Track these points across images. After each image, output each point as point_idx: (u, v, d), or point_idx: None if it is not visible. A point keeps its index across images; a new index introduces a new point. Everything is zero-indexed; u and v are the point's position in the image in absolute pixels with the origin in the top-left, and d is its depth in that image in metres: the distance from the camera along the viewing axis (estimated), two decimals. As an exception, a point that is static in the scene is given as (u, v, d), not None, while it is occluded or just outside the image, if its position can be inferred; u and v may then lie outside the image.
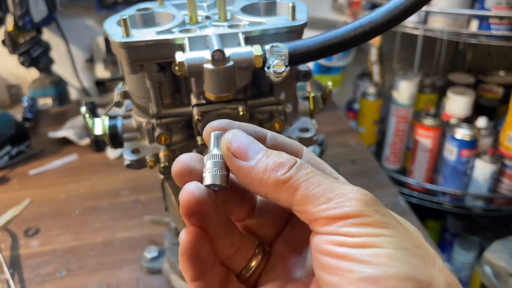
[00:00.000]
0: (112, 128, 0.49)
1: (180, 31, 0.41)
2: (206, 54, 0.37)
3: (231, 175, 0.27)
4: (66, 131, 1.09)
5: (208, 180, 0.26)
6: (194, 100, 0.44)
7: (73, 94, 1.53)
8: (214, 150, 0.26)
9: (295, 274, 0.28)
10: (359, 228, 0.22)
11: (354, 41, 0.36)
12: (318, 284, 0.24)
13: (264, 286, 0.28)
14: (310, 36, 0.38)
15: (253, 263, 0.28)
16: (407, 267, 0.21)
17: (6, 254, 0.78)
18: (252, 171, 0.25)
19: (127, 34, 0.40)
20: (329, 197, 0.23)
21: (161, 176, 0.53)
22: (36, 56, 1.23)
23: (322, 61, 1.51)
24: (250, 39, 0.41)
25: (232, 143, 0.25)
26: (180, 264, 0.27)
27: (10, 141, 1.04)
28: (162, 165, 0.46)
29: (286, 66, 0.37)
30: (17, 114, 1.22)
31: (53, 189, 0.95)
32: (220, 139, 0.26)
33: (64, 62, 1.48)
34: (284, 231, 0.29)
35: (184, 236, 0.26)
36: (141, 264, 0.74)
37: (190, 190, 0.25)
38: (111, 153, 1.06)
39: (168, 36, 0.40)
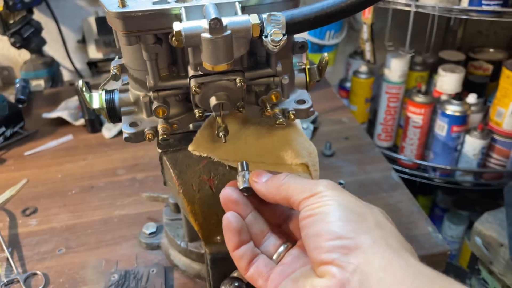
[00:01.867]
0: (109, 102, 0.49)
1: (176, 1, 0.42)
2: (204, 23, 0.37)
3: None
4: (60, 112, 1.09)
5: (240, 185, 0.44)
6: (191, 72, 0.44)
7: (65, 75, 1.52)
8: (242, 172, 0.45)
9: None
10: (319, 199, 0.36)
11: (352, 9, 0.37)
12: (304, 242, 0.36)
13: (285, 259, 0.41)
14: (307, 5, 0.38)
15: (281, 249, 0.42)
16: (345, 213, 0.35)
17: (4, 233, 0.79)
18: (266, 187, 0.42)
19: (123, 4, 0.40)
20: (304, 188, 0.38)
21: (159, 150, 0.54)
22: (27, 36, 1.22)
23: (315, 40, 1.51)
24: (246, 9, 0.41)
25: (253, 175, 0.43)
26: (224, 236, 0.42)
27: (4, 123, 1.04)
28: (160, 137, 0.47)
29: (284, 34, 0.37)
30: (10, 96, 1.21)
31: (49, 169, 0.96)
32: (244, 165, 0.46)
33: (55, 43, 1.46)
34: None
35: (225, 214, 0.42)
36: (140, 240, 0.75)
37: (225, 191, 0.44)
38: (106, 133, 1.06)
39: (165, 6, 0.40)
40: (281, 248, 0.42)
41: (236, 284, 0.51)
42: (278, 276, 0.39)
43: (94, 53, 1.43)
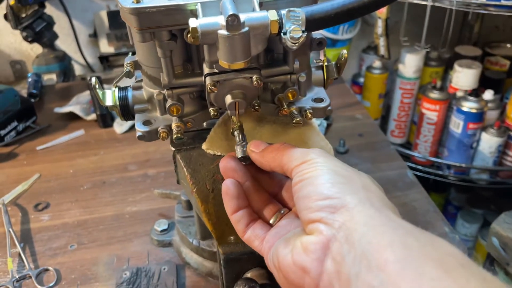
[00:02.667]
0: (123, 99, 0.48)
1: (192, -3, 0.40)
2: (220, 20, 0.36)
3: None
4: (72, 107, 1.09)
5: (239, 154, 0.45)
6: (206, 70, 0.43)
7: (77, 69, 1.52)
8: (240, 142, 0.45)
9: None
10: (310, 165, 0.38)
11: (375, 5, 0.35)
12: (296, 204, 0.38)
13: (280, 223, 0.44)
14: (327, 1, 0.37)
15: (278, 217, 0.44)
16: (333, 176, 0.37)
17: (17, 229, 0.79)
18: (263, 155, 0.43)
19: None
20: (297, 156, 0.40)
21: (173, 148, 0.53)
22: (39, 30, 1.21)
23: (328, 34, 1.49)
24: (264, 4, 0.40)
25: (250, 145, 0.45)
26: (223, 200, 0.44)
27: (16, 117, 1.04)
28: (174, 136, 0.46)
29: (303, 31, 0.36)
30: (22, 90, 1.22)
31: (61, 164, 0.96)
32: (241, 135, 0.46)
33: (67, 37, 1.46)
34: None
35: (224, 181, 0.44)
36: (151, 237, 0.75)
37: (224, 160, 0.45)
38: (118, 128, 1.06)
39: (180, 2, 0.39)
40: (278, 214, 0.45)
41: (251, 285, 0.50)
42: (273, 237, 0.41)
43: (106, 47, 1.42)
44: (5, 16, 1.18)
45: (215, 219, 0.51)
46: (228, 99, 0.43)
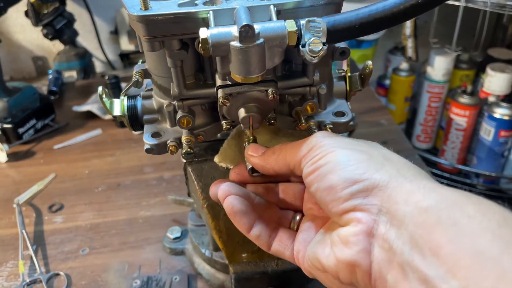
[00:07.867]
0: (132, 109, 0.46)
1: (204, 3, 0.37)
2: (233, 30, 0.33)
3: None
4: (90, 105, 1.08)
5: (248, 166, 0.41)
6: (218, 81, 0.40)
7: (98, 67, 1.51)
8: None
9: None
10: (318, 149, 0.35)
11: (405, 15, 0.32)
12: (317, 197, 0.34)
13: (302, 227, 0.40)
14: (351, 10, 0.33)
15: (296, 224, 0.41)
16: (350, 156, 0.34)
17: (30, 230, 0.78)
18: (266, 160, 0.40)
19: (146, 7, 0.36)
20: (301, 147, 0.36)
21: (184, 160, 0.50)
22: (59, 27, 1.21)
23: (353, 34, 1.44)
24: (282, 13, 0.36)
25: (248, 149, 0.42)
26: (233, 221, 0.40)
27: (35, 115, 1.03)
28: (184, 151, 0.43)
29: (324, 44, 0.32)
30: (43, 87, 1.21)
31: (77, 165, 0.95)
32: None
33: (89, 34, 1.46)
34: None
35: (225, 200, 0.40)
36: (164, 244, 0.73)
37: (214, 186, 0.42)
38: (135, 128, 1.04)
39: (191, 9, 0.36)
40: (293, 221, 0.42)
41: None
42: (302, 245, 0.38)
43: (127, 44, 1.41)
44: (26, 13, 1.17)
45: (226, 236, 0.49)
46: (242, 113, 0.40)
